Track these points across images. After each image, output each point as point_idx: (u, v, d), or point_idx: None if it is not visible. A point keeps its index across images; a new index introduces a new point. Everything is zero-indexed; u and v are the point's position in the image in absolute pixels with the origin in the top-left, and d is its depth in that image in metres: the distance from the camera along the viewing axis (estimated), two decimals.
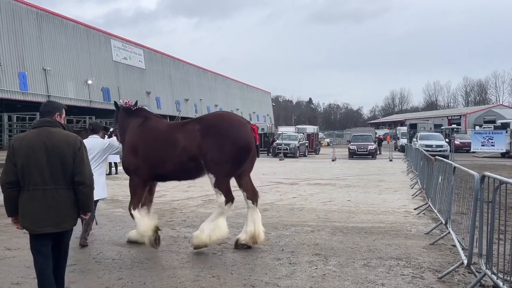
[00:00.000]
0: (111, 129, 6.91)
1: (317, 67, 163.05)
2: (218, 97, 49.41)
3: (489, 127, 38.23)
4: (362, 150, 28.86)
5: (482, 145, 26.55)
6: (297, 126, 48.27)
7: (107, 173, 17.34)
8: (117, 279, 4.62)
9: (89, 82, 28.47)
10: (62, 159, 3.50)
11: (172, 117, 38.47)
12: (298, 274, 4.81)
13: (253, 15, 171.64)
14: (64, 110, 3.87)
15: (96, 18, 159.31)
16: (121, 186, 13.09)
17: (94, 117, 25.63)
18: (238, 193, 6.05)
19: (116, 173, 19.83)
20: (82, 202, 3.59)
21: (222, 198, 5.58)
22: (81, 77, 28.11)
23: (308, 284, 4.49)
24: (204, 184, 13.46)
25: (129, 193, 6.03)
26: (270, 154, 32.33)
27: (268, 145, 34.15)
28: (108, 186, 12.76)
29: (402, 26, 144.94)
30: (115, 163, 20.13)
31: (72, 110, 28.26)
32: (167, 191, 11.81)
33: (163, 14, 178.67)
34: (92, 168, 3.78)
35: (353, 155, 28.89)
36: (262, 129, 42.11)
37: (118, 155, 19.38)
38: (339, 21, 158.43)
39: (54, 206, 3.46)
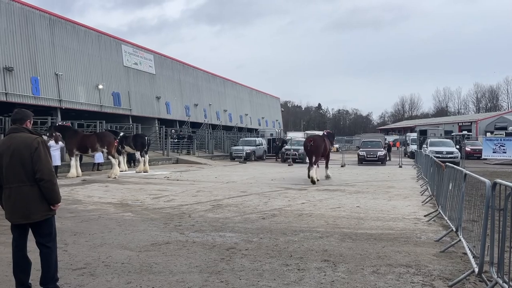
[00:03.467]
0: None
1: (327, 73, 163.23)
2: (227, 102, 49.57)
3: (500, 134, 37.78)
4: (372, 156, 28.71)
5: (493, 152, 26.25)
6: (306, 132, 48.24)
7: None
8: (126, 283, 4.64)
9: (100, 86, 28.74)
10: (21, 160, 4.03)
11: (181, 122, 38.69)
12: (307, 280, 4.79)
13: (274, 23, 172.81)
14: (32, 117, 4.46)
15: (121, 26, 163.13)
16: (131, 190, 13.18)
17: (104, 121, 25.84)
18: (249, 202, 6.05)
19: (98, 169, 20.32)
20: (47, 196, 4.09)
21: None
22: (92, 82, 28.41)
23: None
24: (213, 189, 13.53)
25: (138, 198, 6.04)
26: (279, 160, 32.32)
27: (277, 150, 34.16)
28: (118, 190, 12.91)
29: (416, 33, 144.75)
30: (99, 164, 20.43)
31: (82, 114, 28.54)
32: (176, 196, 11.85)
33: (186, 23, 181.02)
34: None
35: (362, 161, 28.73)
36: (271, 134, 42.16)
37: (102, 156, 19.80)
38: (358, 29, 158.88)
39: (20, 201, 4.03)
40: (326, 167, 18.77)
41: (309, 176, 16.22)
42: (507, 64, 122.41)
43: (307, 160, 29.30)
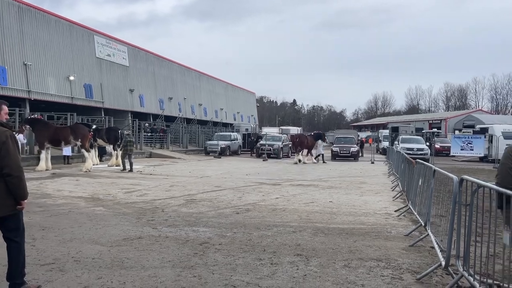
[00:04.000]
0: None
1: (305, 70, 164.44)
2: (203, 96, 49.20)
3: (468, 132, 38.99)
4: (345, 152, 29.14)
5: (461, 149, 27.05)
6: (281, 127, 48.50)
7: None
8: (97, 279, 4.55)
9: (71, 78, 28.00)
10: None
11: (155, 116, 38.17)
12: (280, 274, 4.82)
13: (265, 21, 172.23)
14: (4, 107, 4.30)
15: (110, 19, 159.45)
16: (103, 184, 12.94)
17: (75, 114, 25.17)
18: (222, 196, 6.04)
19: (68, 162, 19.84)
20: (14, 192, 3.94)
21: None
22: (63, 73, 27.63)
23: (289, 284, 4.51)
24: (187, 184, 13.43)
25: (109, 192, 5.93)
26: (253, 155, 32.38)
27: (252, 145, 34.21)
28: (89, 184, 12.65)
29: (397, 35, 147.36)
30: (68, 157, 20.05)
31: (53, 106, 27.72)
32: (149, 190, 11.71)
33: (177, 18, 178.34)
34: None
35: (335, 156, 29.13)
36: (246, 129, 42.14)
37: (70, 149, 19.42)
38: (345, 29, 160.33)
39: None
40: (311, 154, 26.29)
41: (298, 160, 24.78)
42: (476, 65, 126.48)
43: (282, 156, 29.79)
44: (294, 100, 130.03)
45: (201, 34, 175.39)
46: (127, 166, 17.61)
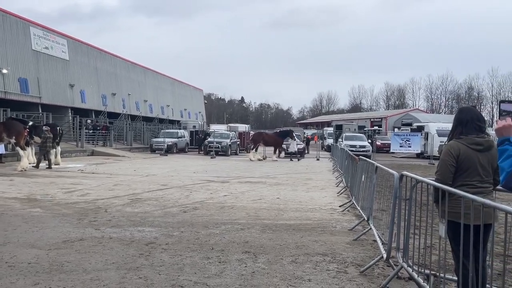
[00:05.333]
0: None
1: (254, 68, 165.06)
2: (148, 93, 47.97)
3: (406, 130, 41.11)
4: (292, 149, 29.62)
5: (400, 146, 28.54)
6: (229, 124, 48.40)
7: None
8: (33, 284, 4.29)
9: (4, 71, 26.20)
10: None
11: (98, 112, 36.70)
12: (228, 272, 4.81)
13: (215, 18, 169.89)
14: None
15: (52, 11, 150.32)
16: (40, 184, 12.24)
17: (9, 109, 23.58)
18: (177, 194, 5.91)
19: (1, 161, 19.17)
20: None
21: None
22: None
23: (238, 282, 4.51)
24: (132, 183, 13.04)
25: (48, 192, 5.61)
26: (201, 152, 32.11)
27: (199, 142, 33.87)
28: (24, 185, 11.91)
29: (344, 35, 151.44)
30: (1, 155, 19.02)
31: None
32: (91, 190, 11.24)
33: (124, 12, 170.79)
34: None
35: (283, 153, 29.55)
36: (194, 126, 41.66)
37: (3, 146, 18.43)
38: (294, 28, 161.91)
39: None
40: (274, 153, 27.22)
41: (252, 158, 25.64)
42: (414, 66, 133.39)
43: (230, 153, 29.80)
44: (242, 98, 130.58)
45: (150, 29, 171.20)
46: (42, 164, 17.12)
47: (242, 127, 44.24)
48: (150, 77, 49.67)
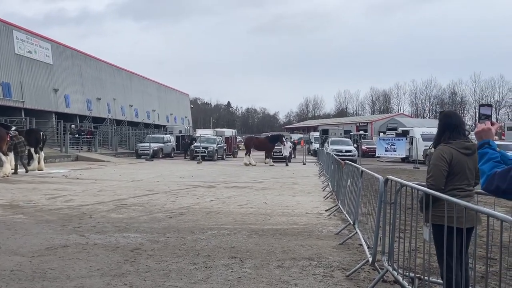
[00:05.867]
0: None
1: (241, 72, 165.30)
2: (134, 97, 47.59)
3: (391, 134, 41.55)
4: (278, 153, 29.66)
5: (385, 151, 28.79)
6: (215, 129, 48.33)
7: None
8: None
9: None
10: None
11: (82, 117, 36.26)
12: (214, 278, 4.79)
13: (202, 23, 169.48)
14: None
15: (37, 15, 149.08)
16: (23, 190, 12.04)
17: None
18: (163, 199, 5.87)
19: None
20: None
21: None
22: None
23: (224, 287, 4.49)
24: (117, 188, 12.91)
25: (31, 198, 5.53)
26: (187, 157, 31.94)
27: (185, 147, 33.70)
28: (7, 191, 11.69)
29: (330, 41, 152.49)
30: None
31: None
32: (76, 195, 11.09)
33: (110, 16, 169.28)
34: None
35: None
36: (180, 131, 41.48)
37: None
38: (281, 34, 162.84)
39: None
40: (266, 157, 27.19)
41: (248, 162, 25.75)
42: (399, 71, 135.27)
43: (216, 158, 29.73)
44: (229, 102, 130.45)
45: (136, 33, 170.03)
46: (19, 170, 16.89)
47: (229, 132, 44.22)
48: (136, 81, 49.33)
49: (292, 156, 32.49)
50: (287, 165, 26.27)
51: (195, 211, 9.12)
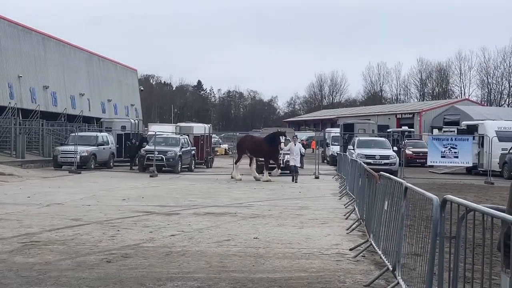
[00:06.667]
0: None
1: (213, 36, 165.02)
2: (50, 75, 47.33)
3: (451, 131, 41.78)
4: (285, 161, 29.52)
5: (442, 157, 28.73)
6: (178, 124, 48.17)
7: None
8: None
9: None
10: None
11: None
12: None
13: None
14: None
15: None
16: None
17: None
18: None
19: None
20: None
21: None
22: None
23: None
24: (24, 217, 12.83)
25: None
26: (135, 167, 31.84)
27: (132, 152, 33.59)
28: None
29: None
30: None
31: None
32: None
33: None
34: None
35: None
36: (123, 127, 41.36)
37: None
38: None
39: None
40: (266, 168, 26.44)
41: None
42: (461, 34, 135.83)
43: (180, 168, 29.63)
44: (199, 82, 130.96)
45: None
46: None
47: (200, 128, 43.94)
48: (54, 49, 49.06)
49: (299, 166, 32.52)
50: (295, 180, 25.15)
51: (147, 251, 9.09)
